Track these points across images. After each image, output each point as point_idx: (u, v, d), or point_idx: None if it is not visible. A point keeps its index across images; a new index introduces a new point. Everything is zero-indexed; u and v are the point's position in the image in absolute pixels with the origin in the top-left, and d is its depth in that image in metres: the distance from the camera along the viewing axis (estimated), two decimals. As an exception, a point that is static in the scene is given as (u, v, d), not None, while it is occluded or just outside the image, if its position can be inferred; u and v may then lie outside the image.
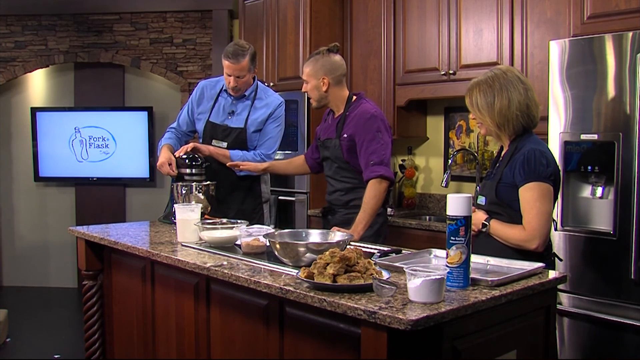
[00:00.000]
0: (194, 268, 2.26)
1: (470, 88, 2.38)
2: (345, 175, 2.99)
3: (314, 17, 4.38)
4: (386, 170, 2.85)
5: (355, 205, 2.92)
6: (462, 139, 4.19)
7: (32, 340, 4.68)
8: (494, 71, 2.36)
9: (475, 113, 2.37)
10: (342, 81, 3.01)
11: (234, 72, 3.25)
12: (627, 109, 2.62)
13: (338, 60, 2.99)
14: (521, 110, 2.29)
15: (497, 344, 1.83)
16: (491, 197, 2.33)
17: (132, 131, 6.11)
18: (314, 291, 1.79)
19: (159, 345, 2.69)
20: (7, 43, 6.10)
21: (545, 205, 2.22)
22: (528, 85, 2.33)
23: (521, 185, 2.25)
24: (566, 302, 2.82)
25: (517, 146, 2.31)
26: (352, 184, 2.98)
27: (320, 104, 3.04)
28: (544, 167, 2.23)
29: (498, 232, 2.30)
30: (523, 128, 2.32)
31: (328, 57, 2.97)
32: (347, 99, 3.01)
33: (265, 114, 3.36)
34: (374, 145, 2.86)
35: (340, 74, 2.99)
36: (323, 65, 2.96)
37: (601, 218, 2.73)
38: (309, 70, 2.98)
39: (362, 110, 2.93)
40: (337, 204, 3.04)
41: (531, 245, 2.22)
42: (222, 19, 5.84)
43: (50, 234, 6.35)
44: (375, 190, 2.83)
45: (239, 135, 3.33)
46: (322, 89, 2.97)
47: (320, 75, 2.96)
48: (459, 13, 3.76)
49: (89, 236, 2.95)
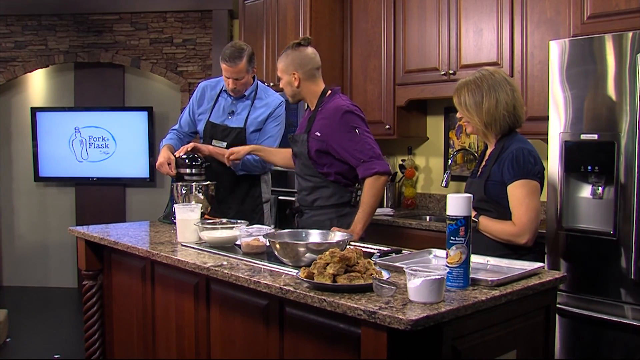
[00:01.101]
0: (194, 268, 2.26)
1: (459, 88, 2.46)
2: (309, 173, 2.88)
3: (314, 17, 4.38)
4: (380, 165, 2.72)
5: (319, 206, 2.84)
6: (462, 139, 4.19)
7: (32, 340, 4.68)
8: (482, 72, 2.45)
9: (464, 112, 2.45)
10: (314, 75, 2.86)
11: (232, 75, 3.25)
12: (627, 109, 2.62)
13: (309, 54, 2.85)
14: (508, 110, 2.39)
15: (497, 344, 1.83)
16: (480, 194, 2.40)
17: (132, 131, 6.11)
18: (314, 291, 1.79)
19: (159, 345, 2.69)
20: (7, 43, 6.10)
21: (534, 201, 2.32)
22: (514, 86, 2.43)
23: (510, 183, 2.34)
24: (566, 302, 2.82)
25: (504, 145, 2.40)
26: (315, 182, 2.86)
27: (295, 99, 2.93)
28: (532, 165, 2.34)
29: (488, 228, 2.38)
30: (509, 127, 2.43)
31: (298, 51, 2.84)
32: (321, 94, 2.88)
33: (265, 113, 3.36)
34: (356, 143, 2.72)
35: (312, 67, 2.84)
36: (293, 60, 2.83)
37: (601, 218, 2.73)
38: (280, 66, 2.87)
39: (333, 107, 2.79)
40: (304, 205, 2.94)
41: (521, 240, 2.32)
42: (222, 19, 5.84)
43: (50, 234, 6.35)
44: (374, 188, 2.72)
45: (239, 135, 3.33)
46: (294, 85, 2.84)
47: (290, 71, 2.83)
48: (459, 13, 3.76)
49: (89, 236, 2.95)
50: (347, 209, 2.83)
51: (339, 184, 2.84)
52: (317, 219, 2.84)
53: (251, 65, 3.29)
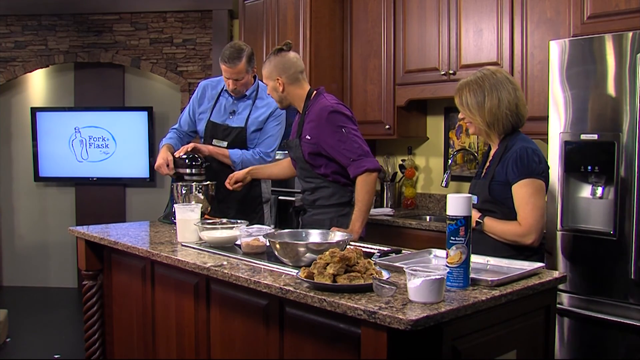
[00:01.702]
0: (194, 268, 2.26)
1: (460, 88, 2.43)
2: (308, 175, 2.92)
3: (314, 17, 4.38)
4: (370, 162, 2.74)
5: (320, 205, 2.89)
6: (462, 139, 4.19)
7: (32, 340, 4.68)
8: (483, 71, 2.41)
9: (465, 112, 2.42)
10: (298, 79, 2.87)
11: (232, 76, 3.26)
12: (627, 109, 2.62)
13: (291, 58, 2.86)
14: (510, 110, 2.36)
15: (497, 344, 1.83)
16: (484, 195, 2.37)
17: (132, 131, 6.11)
18: (314, 291, 1.79)
19: (159, 345, 2.69)
20: (7, 43, 6.10)
21: (539, 200, 2.29)
22: (516, 85, 2.40)
23: (515, 182, 2.30)
24: (566, 302, 2.82)
25: (507, 145, 2.37)
26: (315, 183, 2.90)
27: (283, 104, 2.94)
28: (536, 164, 2.30)
29: (493, 229, 2.34)
30: (512, 127, 2.39)
31: (280, 56, 2.85)
32: (306, 97, 2.90)
33: (266, 113, 3.37)
34: (343, 142, 2.75)
35: (295, 71, 2.85)
36: (275, 65, 2.84)
37: (601, 218, 2.73)
38: (265, 73, 2.88)
39: (319, 107, 2.80)
40: (306, 204, 3.00)
41: (527, 240, 2.28)
42: (222, 19, 5.84)
43: (50, 234, 6.35)
44: (366, 185, 2.74)
45: (239, 135, 3.33)
46: (279, 90, 2.86)
47: (274, 76, 2.84)
48: (459, 13, 3.76)
49: (89, 236, 2.95)
50: (347, 208, 2.86)
51: (338, 183, 2.86)
52: (317, 218, 2.89)
53: (251, 65, 3.29)
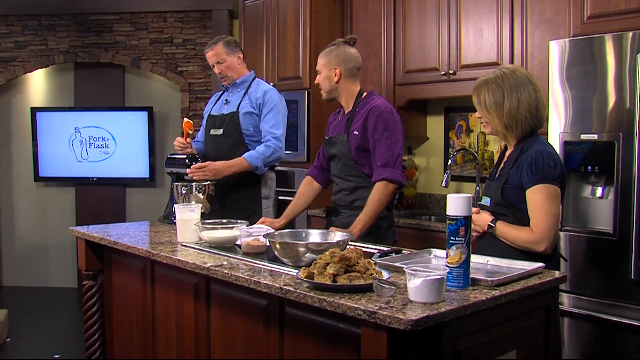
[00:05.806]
0: (194, 268, 2.26)
1: (478, 86, 2.33)
2: (351, 173, 2.90)
3: (314, 17, 4.38)
4: (392, 173, 2.73)
5: (358, 207, 2.83)
6: (462, 139, 4.19)
7: (32, 340, 4.68)
8: (503, 70, 2.31)
9: (483, 112, 2.32)
10: (355, 74, 2.92)
11: (212, 59, 3.43)
12: (627, 109, 2.62)
13: (353, 53, 2.91)
14: (530, 112, 2.25)
15: (497, 344, 1.83)
16: (497, 198, 2.29)
17: (132, 131, 6.11)
18: (314, 291, 1.79)
19: (159, 345, 2.69)
20: (7, 43, 6.10)
21: (553, 207, 2.18)
22: (537, 86, 2.29)
23: (529, 187, 2.20)
24: (567, 302, 2.82)
25: (523, 147, 2.27)
26: (357, 182, 2.88)
27: (330, 95, 2.95)
28: (551, 168, 2.20)
29: (505, 234, 2.25)
30: (530, 129, 2.29)
31: (343, 48, 2.90)
32: (357, 95, 2.93)
33: (259, 100, 3.42)
34: (381, 145, 2.77)
35: (354, 66, 2.90)
36: (337, 55, 2.89)
37: (601, 218, 2.73)
38: (322, 61, 2.92)
39: (371, 107, 2.83)
40: (341, 204, 2.96)
41: (539, 248, 2.18)
42: (222, 19, 5.84)
43: (50, 234, 6.35)
44: (380, 193, 2.73)
45: (232, 119, 3.40)
46: (334, 80, 2.89)
47: (332, 66, 2.88)
48: (459, 13, 3.76)
49: (89, 236, 2.95)
50: (385, 211, 2.83)
51: None
52: (354, 219, 2.79)
53: (229, 48, 3.42)
